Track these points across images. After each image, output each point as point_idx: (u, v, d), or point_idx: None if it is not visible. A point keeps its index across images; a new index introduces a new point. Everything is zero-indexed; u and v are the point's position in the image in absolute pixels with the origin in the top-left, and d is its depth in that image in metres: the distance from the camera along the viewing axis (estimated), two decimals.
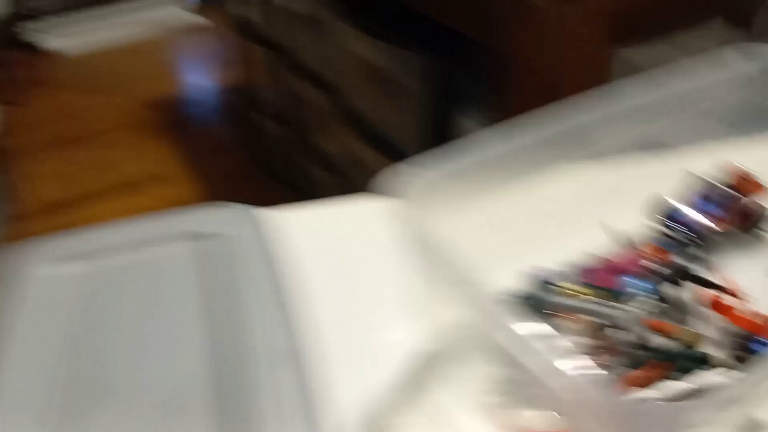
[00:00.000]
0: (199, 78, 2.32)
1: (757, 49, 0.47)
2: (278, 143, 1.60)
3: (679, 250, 0.43)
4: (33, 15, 2.43)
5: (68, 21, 2.50)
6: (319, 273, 0.44)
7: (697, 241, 0.43)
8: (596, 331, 0.35)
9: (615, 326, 0.34)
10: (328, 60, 1.20)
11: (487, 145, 0.40)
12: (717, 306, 0.38)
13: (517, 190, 0.44)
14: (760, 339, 0.36)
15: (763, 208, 0.45)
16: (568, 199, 0.48)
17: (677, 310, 0.38)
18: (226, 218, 0.47)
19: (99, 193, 1.67)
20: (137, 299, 0.42)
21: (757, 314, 0.38)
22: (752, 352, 0.36)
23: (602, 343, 0.35)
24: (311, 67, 1.27)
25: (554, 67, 0.65)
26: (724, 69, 0.47)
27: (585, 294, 0.39)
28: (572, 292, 0.39)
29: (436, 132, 0.93)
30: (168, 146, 1.87)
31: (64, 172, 1.78)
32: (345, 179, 1.25)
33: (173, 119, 2.05)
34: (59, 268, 0.44)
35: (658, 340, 0.35)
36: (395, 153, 1.03)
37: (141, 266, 0.44)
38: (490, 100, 0.79)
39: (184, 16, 2.66)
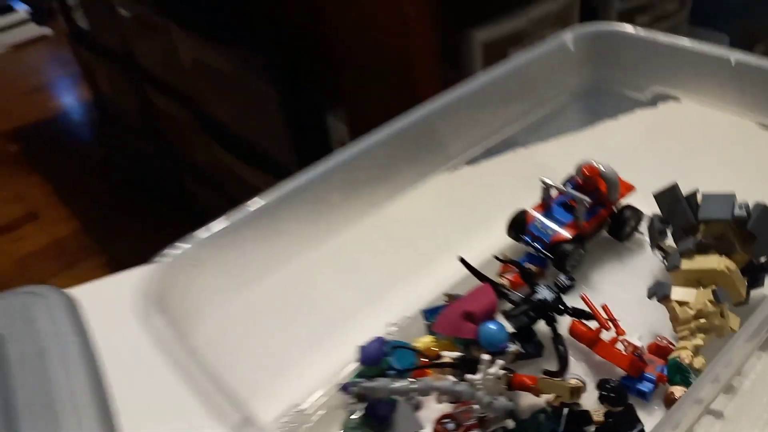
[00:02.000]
0: (52, 99, 2.12)
1: (596, 27, 0.43)
2: (146, 158, 1.49)
3: (544, 271, 0.39)
4: None
5: None
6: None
7: (561, 256, 0.39)
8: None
9: (462, 400, 0.30)
10: (173, 66, 1.09)
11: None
12: (585, 339, 0.34)
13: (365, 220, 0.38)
14: (640, 377, 0.32)
15: (636, 211, 0.42)
16: (421, 220, 0.43)
17: (536, 351, 0.33)
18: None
19: None
20: None
21: (631, 345, 0.34)
22: (630, 391, 0.32)
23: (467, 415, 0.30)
24: (158, 75, 1.16)
25: (400, 54, 0.60)
26: (565, 52, 0.43)
27: (436, 348, 0.34)
28: (426, 348, 0.34)
29: (302, 134, 0.87)
30: (34, 178, 1.71)
31: None
32: (223, 193, 1.16)
33: (32, 148, 1.87)
34: None
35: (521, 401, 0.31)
36: (266, 162, 0.95)
37: None
38: (344, 95, 0.73)
39: (27, 29, 2.44)
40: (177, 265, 0.30)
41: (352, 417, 0.31)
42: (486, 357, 0.30)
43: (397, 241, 0.40)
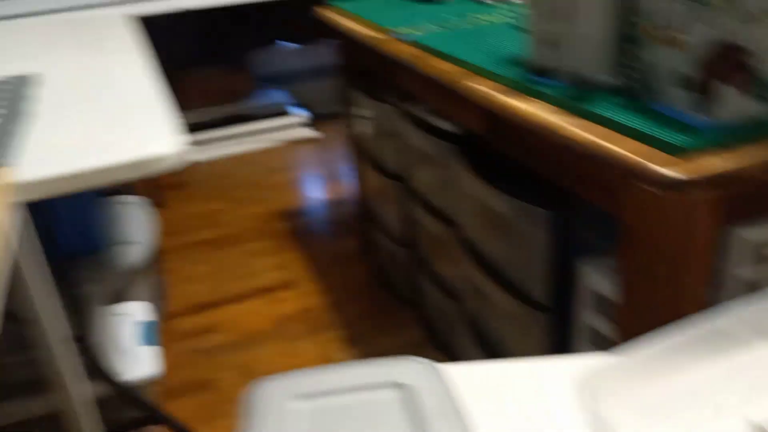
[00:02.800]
0: (317, 189, 2.56)
1: None
2: (395, 261, 1.76)
3: None
4: None
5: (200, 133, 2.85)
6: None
7: None
8: None
9: None
10: (447, 196, 1.36)
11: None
12: None
13: None
14: None
15: None
16: None
17: None
18: (418, 371, 0.60)
19: (238, 297, 1.88)
20: None
21: None
22: None
23: None
24: (429, 198, 1.43)
25: (671, 241, 0.77)
26: None
27: None
28: None
29: (557, 275, 1.05)
30: (295, 253, 2.08)
31: (203, 273, 2.01)
32: (464, 306, 1.37)
33: (297, 227, 2.27)
34: (293, 404, 0.59)
35: None
36: (516, 289, 1.15)
37: (353, 408, 0.58)
38: (613, 254, 0.90)
39: (301, 130, 2.97)
40: (632, 362, 0.42)
41: None
42: None
43: None
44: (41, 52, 1.48)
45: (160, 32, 2.07)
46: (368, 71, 1.60)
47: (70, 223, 1.25)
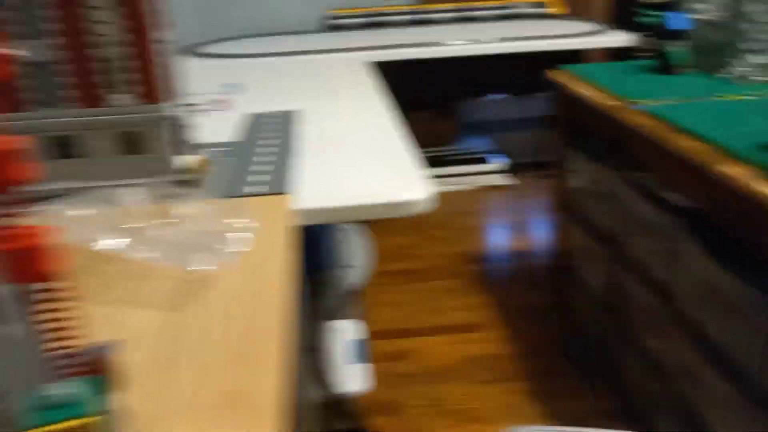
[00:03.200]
0: (508, 236, 2.60)
1: None
2: (592, 323, 1.74)
3: None
4: None
5: None
6: None
7: None
8: None
9: None
10: (667, 269, 1.33)
11: None
12: None
13: None
14: None
15: None
16: None
17: None
18: None
19: (428, 330, 1.97)
20: None
21: None
22: None
23: None
24: (645, 268, 1.41)
25: None
26: None
27: None
28: None
29: None
30: (483, 297, 2.13)
31: (397, 302, 2.13)
32: (668, 387, 1.33)
33: (486, 271, 2.32)
34: None
35: None
36: (737, 378, 1.10)
37: None
38: None
39: (498, 177, 3.03)
40: None
41: None
42: None
43: None
44: (298, 90, 1.70)
45: (384, 76, 2.25)
46: (588, 131, 1.62)
47: (310, 243, 1.42)
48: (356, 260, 1.66)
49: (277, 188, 0.92)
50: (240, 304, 0.62)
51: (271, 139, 1.16)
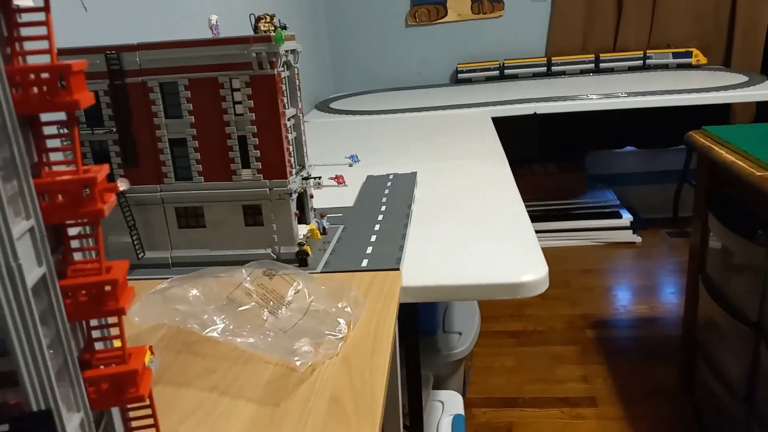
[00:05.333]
0: (632, 299, 2.40)
1: None
2: (727, 413, 1.54)
3: None
4: None
5: None
6: None
7: None
8: None
9: None
10: None
11: None
12: None
13: None
14: None
15: None
16: None
17: None
18: None
19: (537, 401, 1.84)
20: None
21: None
22: None
23: None
24: None
25: None
26: None
27: None
28: None
29: None
30: (601, 368, 1.97)
31: (506, 367, 2.02)
32: None
33: (606, 338, 2.15)
34: None
35: None
36: None
37: None
38: None
39: (623, 233, 2.84)
40: None
41: None
42: None
43: None
44: (418, 150, 1.66)
45: (511, 127, 2.18)
46: (734, 199, 1.45)
47: (414, 307, 1.36)
48: (464, 326, 1.58)
49: (389, 262, 0.87)
50: (335, 401, 0.58)
51: (385, 206, 1.13)
